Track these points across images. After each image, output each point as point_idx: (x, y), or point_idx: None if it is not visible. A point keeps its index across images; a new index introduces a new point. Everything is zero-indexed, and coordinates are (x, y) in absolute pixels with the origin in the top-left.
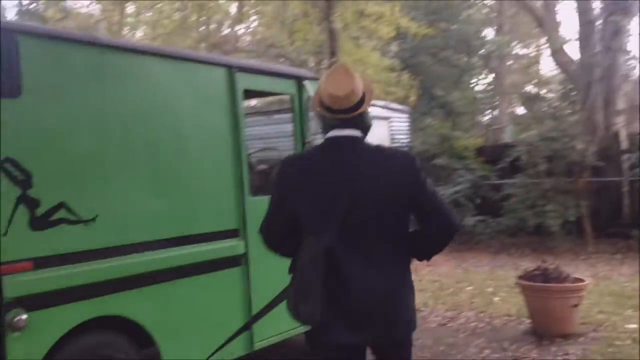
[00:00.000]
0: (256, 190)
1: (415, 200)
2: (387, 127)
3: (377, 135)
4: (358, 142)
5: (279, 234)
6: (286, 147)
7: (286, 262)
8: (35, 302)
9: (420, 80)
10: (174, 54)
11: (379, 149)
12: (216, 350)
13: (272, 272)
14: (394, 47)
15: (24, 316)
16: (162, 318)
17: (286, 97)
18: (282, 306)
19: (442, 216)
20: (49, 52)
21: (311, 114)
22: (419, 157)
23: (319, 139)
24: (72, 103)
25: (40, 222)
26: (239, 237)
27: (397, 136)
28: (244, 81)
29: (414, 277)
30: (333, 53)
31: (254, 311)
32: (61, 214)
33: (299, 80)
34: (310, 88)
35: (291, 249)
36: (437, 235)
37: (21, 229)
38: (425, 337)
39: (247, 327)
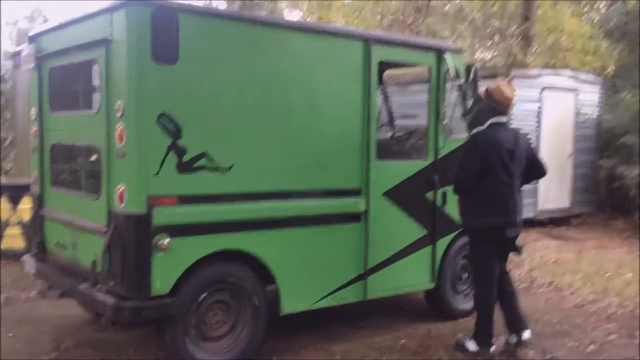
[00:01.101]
0: (385, 155)
1: (529, 159)
2: (574, 99)
3: (561, 107)
4: (508, 124)
5: (472, 178)
6: (421, 117)
7: (399, 224)
8: (176, 230)
9: (622, 49)
10: (313, 27)
11: (514, 128)
12: (330, 294)
13: (388, 231)
14: (594, 14)
15: (167, 240)
16: (283, 259)
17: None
18: (402, 263)
19: (540, 166)
20: (203, 27)
21: (447, 85)
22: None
23: (449, 109)
24: (219, 70)
25: (185, 167)
26: (361, 196)
27: (584, 109)
28: (380, 53)
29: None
30: (526, 18)
31: (369, 265)
32: (203, 161)
33: (438, 52)
34: (450, 60)
35: (471, 187)
36: (535, 176)
37: (170, 171)
38: (555, 315)
39: None
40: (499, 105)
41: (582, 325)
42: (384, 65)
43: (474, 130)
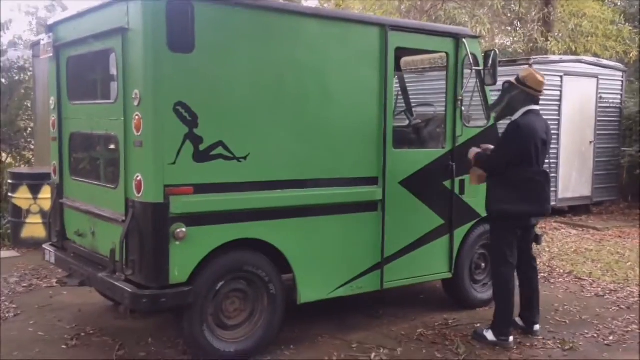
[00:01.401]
0: (402, 143)
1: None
2: (595, 85)
3: (582, 93)
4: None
5: (504, 164)
6: (439, 104)
7: (416, 213)
8: (193, 219)
9: None
10: (329, 14)
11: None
12: (346, 283)
13: (405, 220)
14: None
15: (184, 229)
16: (299, 248)
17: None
18: (419, 252)
19: None
20: (218, 15)
21: (467, 71)
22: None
23: (468, 96)
24: (235, 58)
25: (201, 156)
26: (377, 185)
27: (606, 95)
28: (397, 39)
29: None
30: (547, 3)
31: (386, 254)
32: (219, 150)
33: (457, 38)
34: (469, 46)
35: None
36: None
37: (186, 160)
38: (574, 305)
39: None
40: (533, 92)
41: (602, 315)
42: (400, 52)
43: (514, 117)
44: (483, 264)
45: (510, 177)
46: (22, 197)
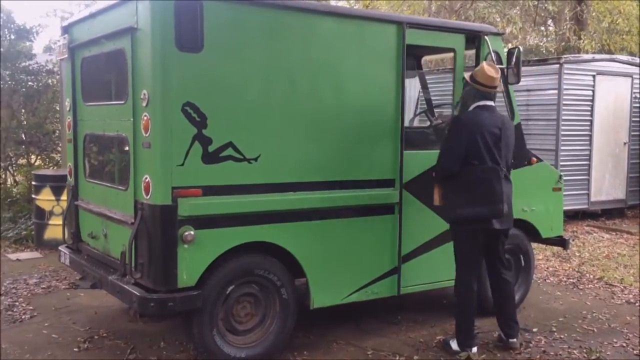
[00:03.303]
0: (419, 144)
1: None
2: (630, 85)
3: (616, 93)
4: (494, 108)
5: (457, 162)
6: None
7: (434, 214)
8: (202, 222)
9: None
10: (343, 11)
11: (502, 114)
12: (361, 288)
13: (423, 223)
14: None
15: (193, 232)
16: (312, 252)
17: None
18: (435, 255)
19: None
20: (228, 14)
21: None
22: None
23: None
24: (245, 57)
25: (211, 157)
26: (394, 187)
27: None
28: (416, 37)
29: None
30: (580, 1)
31: (403, 258)
32: (229, 151)
33: (479, 35)
34: (491, 43)
35: (455, 173)
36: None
37: (195, 162)
38: (603, 312)
39: None
40: (482, 87)
41: (632, 323)
42: (420, 50)
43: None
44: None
45: (460, 178)
46: (45, 198)
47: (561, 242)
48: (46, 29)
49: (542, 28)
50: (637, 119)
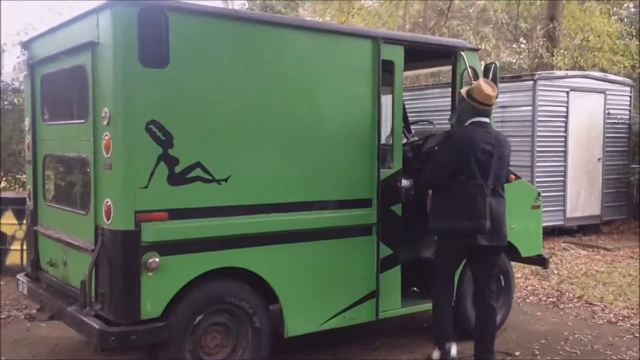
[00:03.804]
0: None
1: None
2: (603, 101)
3: (589, 109)
4: (489, 125)
5: (445, 175)
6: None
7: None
8: (168, 248)
9: None
10: (316, 26)
11: (497, 131)
12: (338, 314)
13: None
14: (623, 12)
15: (157, 259)
16: (286, 276)
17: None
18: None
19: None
20: (195, 27)
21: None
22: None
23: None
24: (214, 73)
25: (177, 178)
26: (371, 207)
27: (614, 111)
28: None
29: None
30: (552, 18)
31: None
32: (197, 172)
33: (455, 51)
34: (467, 59)
35: (442, 185)
36: None
37: (160, 183)
38: (586, 333)
39: None
40: (478, 104)
41: (615, 344)
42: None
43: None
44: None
45: (447, 192)
46: (7, 222)
47: (541, 261)
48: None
49: (515, 45)
50: (611, 135)
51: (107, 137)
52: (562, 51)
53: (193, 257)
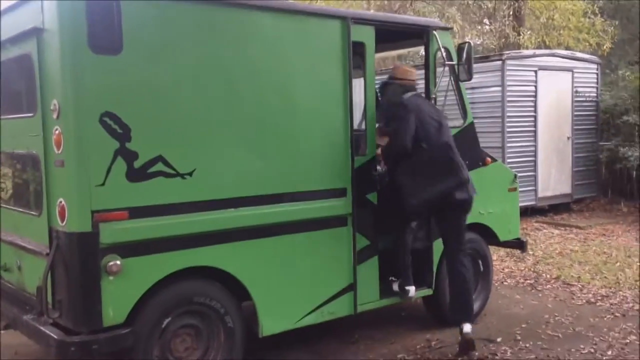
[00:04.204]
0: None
1: None
2: (571, 79)
3: (558, 88)
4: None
5: (410, 142)
6: None
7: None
8: (129, 249)
9: (619, 26)
10: (283, 7)
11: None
12: (315, 309)
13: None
14: None
15: (118, 262)
16: (258, 273)
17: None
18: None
19: None
20: (151, 9)
21: (438, 67)
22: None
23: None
24: (174, 59)
25: (137, 174)
26: (346, 197)
27: (581, 89)
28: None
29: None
30: None
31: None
32: (159, 166)
33: (427, 30)
34: (440, 39)
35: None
36: None
37: (118, 180)
38: (566, 315)
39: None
40: (404, 81)
41: (596, 325)
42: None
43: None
44: None
45: (415, 162)
46: None
47: (519, 244)
48: None
49: (479, 27)
50: (579, 113)
51: (57, 132)
52: (527, 31)
53: (157, 258)
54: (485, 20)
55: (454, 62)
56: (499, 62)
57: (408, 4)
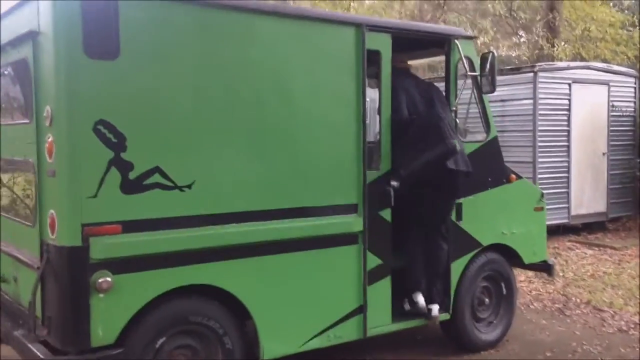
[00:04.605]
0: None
1: None
2: (606, 93)
3: (593, 102)
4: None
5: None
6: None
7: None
8: (122, 265)
9: None
10: (291, 12)
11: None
12: (321, 332)
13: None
14: (625, 1)
15: (109, 278)
16: (261, 293)
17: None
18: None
19: None
20: (150, 13)
21: (460, 77)
22: None
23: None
24: (173, 65)
25: (132, 186)
26: (357, 214)
27: (618, 103)
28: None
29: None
30: (551, 8)
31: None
32: (155, 178)
33: (448, 39)
34: (462, 48)
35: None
36: None
37: (112, 192)
38: (595, 344)
39: None
40: (398, 65)
41: (627, 357)
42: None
43: None
44: (487, 299)
45: (407, 139)
46: None
47: (545, 267)
48: None
49: (514, 39)
50: (615, 128)
51: (50, 140)
52: (562, 43)
53: (152, 275)
54: (521, 32)
55: (476, 73)
56: (531, 74)
57: (439, 15)
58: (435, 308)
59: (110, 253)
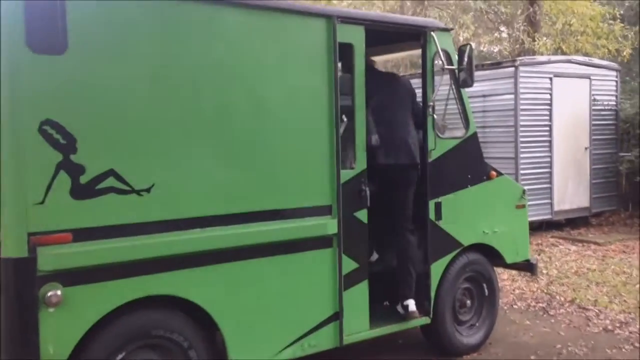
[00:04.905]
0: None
1: None
2: (588, 87)
3: (574, 96)
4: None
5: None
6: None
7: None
8: (73, 277)
9: (637, 32)
10: (257, 4)
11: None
12: (295, 342)
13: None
14: None
15: (59, 291)
16: (228, 302)
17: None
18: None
19: None
20: (101, 3)
21: (437, 71)
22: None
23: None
24: (128, 60)
25: (84, 190)
26: (331, 215)
27: (600, 97)
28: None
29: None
30: (533, 2)
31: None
32: (110, 182)
33: (424, 31)
34: (439, 41)
35: None
36: None
37: (61, 198)
38: (580, 345)
39: None
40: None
41: (613, 358)
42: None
43: None
44: (468, 301)
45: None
46: None
47: (528, 266)
48: None
49: (496, 34)
50: (597, 123)
51: None
52: (543, 38)
53: (107, 287)
54: (502, 27)
55: (454, 67)
56: (512, 69)
57: (419, 10)
58: (411, 303)
59: (59, 264)
